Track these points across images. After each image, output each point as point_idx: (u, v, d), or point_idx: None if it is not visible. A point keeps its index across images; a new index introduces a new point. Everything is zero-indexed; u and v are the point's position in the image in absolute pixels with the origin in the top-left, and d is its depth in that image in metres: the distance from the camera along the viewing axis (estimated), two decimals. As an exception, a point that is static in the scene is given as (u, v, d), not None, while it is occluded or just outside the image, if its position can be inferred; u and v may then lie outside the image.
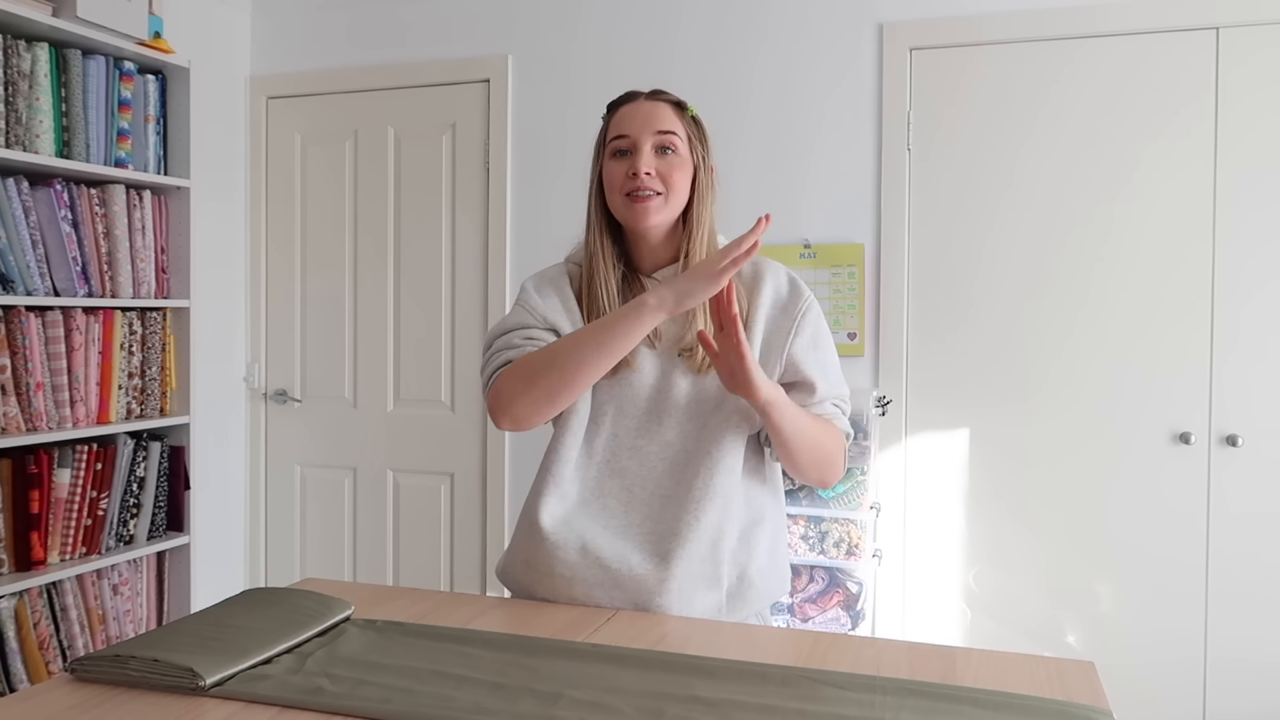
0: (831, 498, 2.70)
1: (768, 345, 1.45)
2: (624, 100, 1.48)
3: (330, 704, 1.03)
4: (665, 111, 1.44)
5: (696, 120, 1.48)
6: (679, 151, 1.43)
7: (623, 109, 1.46)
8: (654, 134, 1.42)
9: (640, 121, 1.43)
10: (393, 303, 3.46)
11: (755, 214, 3.00)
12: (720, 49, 3.06)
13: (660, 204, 1.41)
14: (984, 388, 2.85)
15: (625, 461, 1.42)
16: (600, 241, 1.46)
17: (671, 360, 1.43)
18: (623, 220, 1.44)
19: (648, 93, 1.48)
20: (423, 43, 3.39)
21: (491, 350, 1.44)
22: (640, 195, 1.40)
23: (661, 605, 1.38)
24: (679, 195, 1.43)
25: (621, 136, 1.43)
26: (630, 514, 1.41)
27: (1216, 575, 2.67)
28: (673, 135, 1.43)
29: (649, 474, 1.42)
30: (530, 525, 1.44)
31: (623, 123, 1.44)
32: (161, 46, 2.79)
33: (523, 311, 1.47)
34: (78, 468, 2.59)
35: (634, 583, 1.38)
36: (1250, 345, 2.65)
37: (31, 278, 2.48)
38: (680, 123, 1.45)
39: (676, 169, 1.43)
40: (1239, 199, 2.65)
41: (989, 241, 2.84)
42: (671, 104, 1.46)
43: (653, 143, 1.42)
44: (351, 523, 3.53)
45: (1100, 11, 2.72)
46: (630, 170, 1.41)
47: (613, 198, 1.44)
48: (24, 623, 2.47)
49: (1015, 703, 1.04)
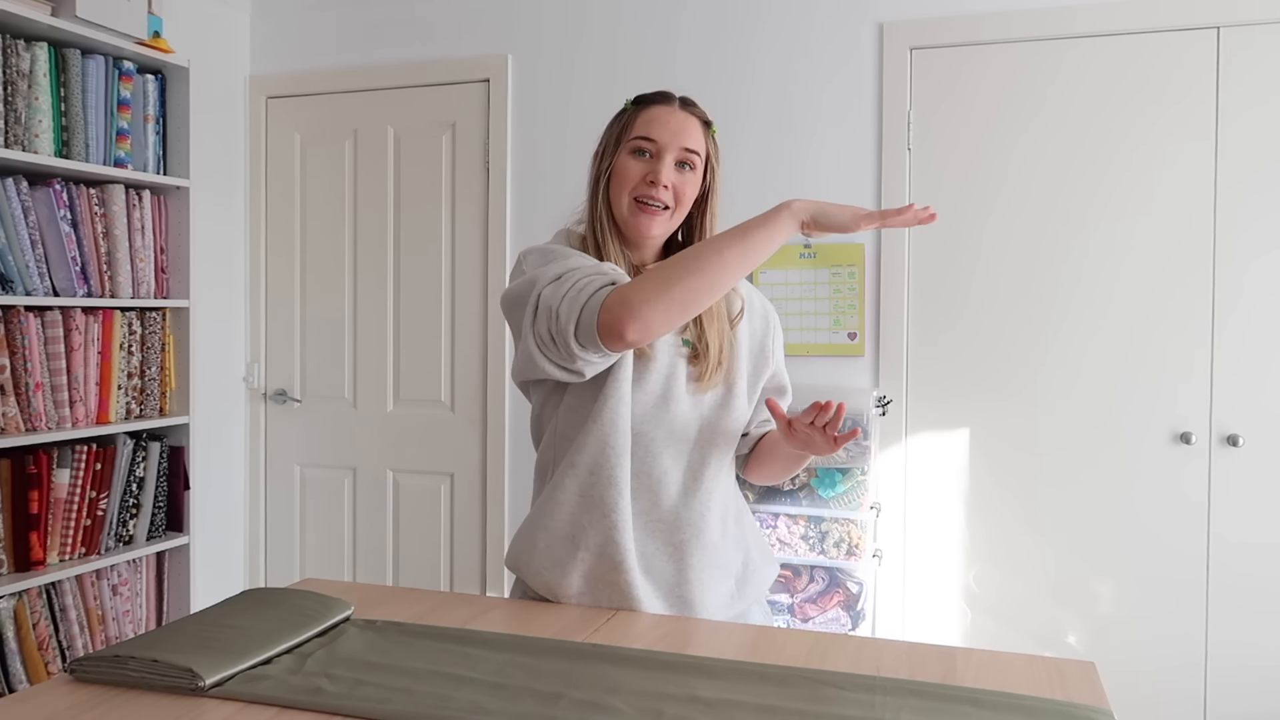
0: (831, 498, 2.70)
1: (759, 351, 1.52)
2: (656, 100, 1.46)
3: (330, 704, 1.03)
4: (695, 128, 1.44)
5: (717, 143, 1.49)
6: (696, 169, 1.44)
7: (654, 109, 1.44)
8: (681, 149, 1.42)
9: (671, 131, 1.42)
10: (392, 302, 3.46)
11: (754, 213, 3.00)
12: (721, 49, 3.06)
13: (666, 218, 1.42)
14: (984, 387, 2.85)
15: (633, 448, 1.43)
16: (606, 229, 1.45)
17: (678, 349, 1.45)
18: (623, 220, 1.44)
19: (680, 99, 1.47)
20: (422, 43, 3.39)
21: (566, 285, 1.29)
22: (650, 206, 1.41)
23: (683, 596, 1.41)
24: (684, 210, 1.45)
25: (648, 139, 1.42)
26: (639, 501, 1.42)
27: (1217, 576, 2.67)
28: (696, 156, 1.43)
29: (655, 462, 1.42)
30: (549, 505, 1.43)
31: (652, 125, 1.42)
32: (161, 46, 2.78)
33: (566, 249, 1.40)
34: (77, 468, 2.59)
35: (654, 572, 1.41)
36: (1251, 346, 2.64)
37: (31, 278, 2.48)
38: (704, 142, 1.45)
39: (689, 185, 1.44)
40: (1240, 199, 2.65)
41: (989, 241, 2.84)
42: (701, 121, 1.46)
43: (676, 156, 1.42)
44: (351, 523, 3.53)
45: (1100, 11, 2.72)
46: (650, 177, 1.40)
47: (621, 194, 1.43)
48: (23, 623, 2.46)
49: (1015, 703, 1.04)
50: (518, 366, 1.37)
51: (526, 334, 1.32)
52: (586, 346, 1.26)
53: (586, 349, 1.27)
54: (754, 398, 1.53)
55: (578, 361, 1.28)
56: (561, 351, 1.28)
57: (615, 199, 1.44)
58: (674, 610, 1.41)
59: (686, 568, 1.41)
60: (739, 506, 1.53)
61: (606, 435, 1.37)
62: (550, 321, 1.28)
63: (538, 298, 1.30)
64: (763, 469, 1.56)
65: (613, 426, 1.37)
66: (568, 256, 1.37)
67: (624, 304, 1.23)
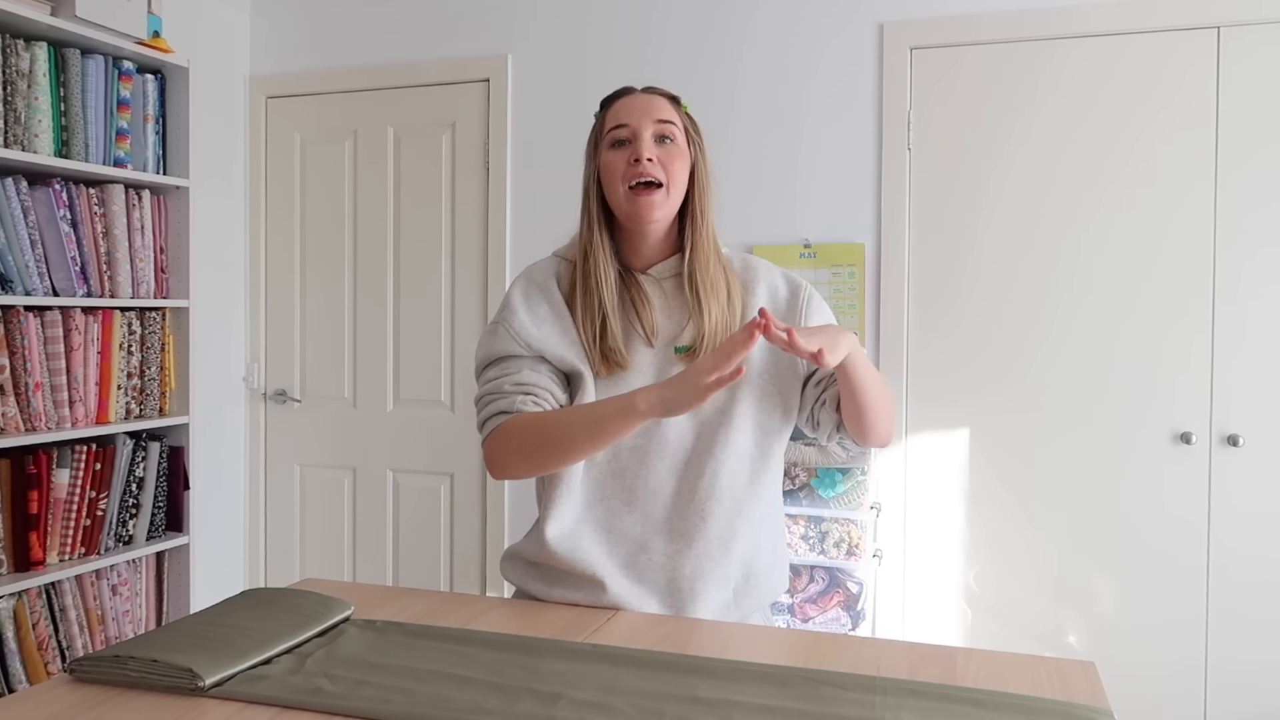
0: (831, 498, 2.70)
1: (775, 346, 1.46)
2: (619, 94, 1.48)
3: (330, 704, 1.03)
4: (662, 103, 1.45)
5: (691, 116, 1.48)
6: (677, 142, 1.43)
7: (619, 102, 1.46)
8: (654, 122, 1.42)
9: (639, 111, 1.43)
10: (392, 302, 3.45)
11: (755, 213, 3.01)
12: (720, 49, 3.06)
13: (663, 197, 1.41)
14: (985, 388, 2.85)
15: (626, 462, 1.42)
16: (599, 238, 1.45)
17: (668, 358, 1.43)
18: (625, 216, 1.43)
19: (642, 88, 1.48)
20: (422, 43, 3.39)
21: (482, 392, 1.45)
22: (643, 186, 1.40)
23: (675, 606, 1.40)
24: (679, 188, 1.43)
25: (620, 126, 1.42)
26: (632, 513, 1.41)
27: (1217, 575, 2.67)
28: (671, 125, 1.43)
29: (650, 473, 1.42)
30: (538, 531, 1.44)
31: (620, 113, 1.44)
32: (160, 46, 2.78)
33: (507, 338, 1.44)
34: (77, 468, 2.59)
35: (645, 584, 1.40)
36: (1251, 345, 2.64)
37: (30, 278, 2.48)
38: (677, 115, 1.45)
39: (676, 159, 1.42)
40: (1240, 198, 2.65)
41: (990, 241, 2.84)
42: (667, 97, 1.46)
43: (653, 131, 1.41)
44: (351, 523, 3.53)
45: (1100, 11, 2.72)
46: (632, 157, 1.40)
47: (615, 190, 1.42)
48: (23, 623, 2.46)
49: (1015, 703, 1.04)
50: None
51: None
52: None
53: None
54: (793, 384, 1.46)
55: None
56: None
57: (611, 197, 1.43)
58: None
59: (679, 578, 1.40)
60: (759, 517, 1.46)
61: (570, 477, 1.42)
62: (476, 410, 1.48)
63: (477, 379, 1.50)
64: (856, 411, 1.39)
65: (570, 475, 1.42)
66: (503, 339, 1.44)
67: (492, 457, 1.41)
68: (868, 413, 1.38)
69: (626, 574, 1.41)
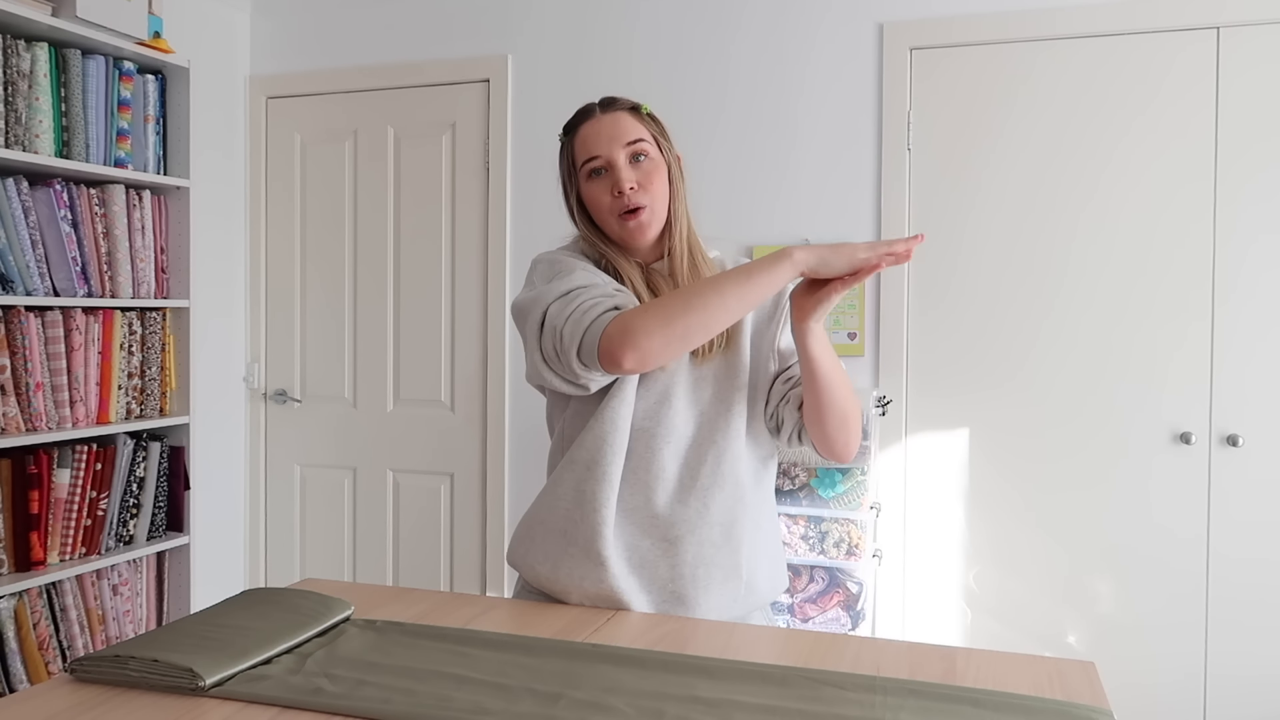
0: (831, 498, 2.70)
1: (758, 336, 1.48)
2: (579, 120, 1.47)
3: (330, 704, 1.03)
4: (626, 121, 1.44)
5: (654, 117, 1.48)
6: (650, 155, 1.44)
7: (581, 129, 1.46)
8: (624, 146, 1.42)
9: (606, 138, 1.43)
10: (392, 302, 3.46)
11: (755, 213, 3.01)
12: (720, 49, 3.06)
13: (650, 216, 1.43)
14: (985, 388, 2.85)
15: (632, 444, 1.43)
16: (608, 248, 1.47)
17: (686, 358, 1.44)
18: (619, 240, 1.46)
19: (600, 105, 1.47)
20: (423, 43, 3.39)
21: (572, 309, 1.31)
22: (630, 213, 1.41)
23: (676, 592, 1.41)
24: (662, 200, 1.44)
25: (593, 158, 1.43)
26: (635, 496, 1.42)
27: (1217, 575, 2.67)
28: (641, 142, 1.43)
29: (654, 457, 1.42)
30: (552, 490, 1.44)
31: (588, 143, 1.44)
32: (161, 46, 2.79)
33: (579, 270, 1.39)
34: (77, 468, 2.59)
35: (646, 569, 1.41)
36: (1251, 345, 2.65)
37: (31, 278, 2.48)
38: (643, 126, 1.45)
39: (653, 175, 1.43)
40: (1240, 198, 2.65)
41: (990, 241, 2.84)
42: (628, 110, 1.46)
43: (625, 155, 1.42)
44: (351, 523, 3.53)
45: (1101, 11, 2.72)
46: (614, 189, 1.41)
47: (606, 221, 1.44)
48: (24, 623, 2.47)
49: (1015, 703, 1.04)
50: (529, 373, 1.41)
51: (533, 348, 1.35)
52: (589, 367, 1.30)
53: (589, 369, 1.30)
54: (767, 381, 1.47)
55: (581, 379, 1.32)
56: (565, 369, 1.32)
57: (604, 228, 1.46)
58: (666, 608, 1.41)
59: (680, 564, 1.40)
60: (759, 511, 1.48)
61: (605, 433, 1.39)
62: (555, 340, 1.31)
63: (544, 314, 1.34)
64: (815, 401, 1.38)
65: (612, 425, 1.39)
66: (571, 272, 1.38)
67: (625, 333, 1.26)
68: (829, 411, 1.37)
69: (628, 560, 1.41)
